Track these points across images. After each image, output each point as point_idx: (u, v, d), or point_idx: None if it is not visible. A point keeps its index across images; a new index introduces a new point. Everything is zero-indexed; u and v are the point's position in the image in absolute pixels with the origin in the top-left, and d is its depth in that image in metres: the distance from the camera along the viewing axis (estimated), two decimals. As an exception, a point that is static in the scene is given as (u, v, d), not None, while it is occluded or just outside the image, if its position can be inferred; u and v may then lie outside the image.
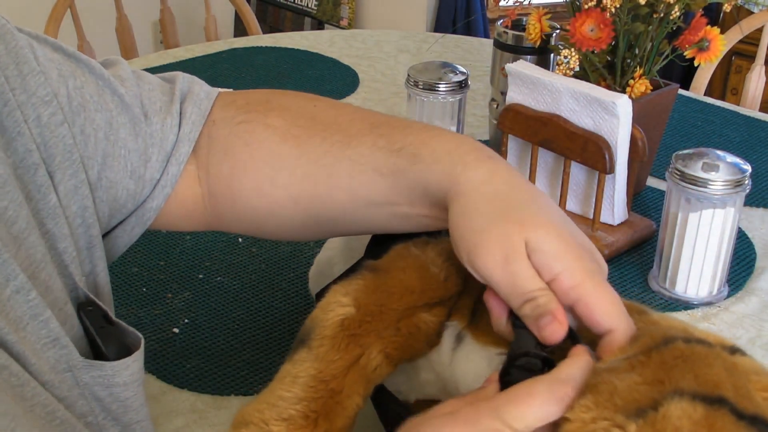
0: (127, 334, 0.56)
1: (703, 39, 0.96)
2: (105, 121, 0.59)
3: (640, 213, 1.00)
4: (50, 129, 0.55)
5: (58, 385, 0.51)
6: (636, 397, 0.44)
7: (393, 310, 0.56)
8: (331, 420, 0.53)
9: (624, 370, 0.46)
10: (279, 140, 0.63)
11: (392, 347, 0.55)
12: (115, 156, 0.60)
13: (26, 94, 0.54)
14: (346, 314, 0.55)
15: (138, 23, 1.88)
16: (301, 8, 2.96)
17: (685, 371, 0.45)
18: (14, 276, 0.49)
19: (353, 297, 0.56)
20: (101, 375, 0.53)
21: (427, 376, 0.58)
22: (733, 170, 0.81)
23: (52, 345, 0.51)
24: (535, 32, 1.03)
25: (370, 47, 1.58)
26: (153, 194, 0.63)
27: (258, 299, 0.85)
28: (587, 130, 0.91)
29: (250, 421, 0.53)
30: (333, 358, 0.54)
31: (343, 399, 0.54)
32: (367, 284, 0.57)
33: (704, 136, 1.25)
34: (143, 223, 0.64)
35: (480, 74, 1.42)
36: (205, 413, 0.71)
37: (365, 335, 0.55)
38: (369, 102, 1.34)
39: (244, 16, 1.83)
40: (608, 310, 0.49)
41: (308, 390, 0.53)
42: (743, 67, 2.57)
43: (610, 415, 0.43)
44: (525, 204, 0.52)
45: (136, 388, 0.55)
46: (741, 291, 0.89)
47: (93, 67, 0.60)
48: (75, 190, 0.56)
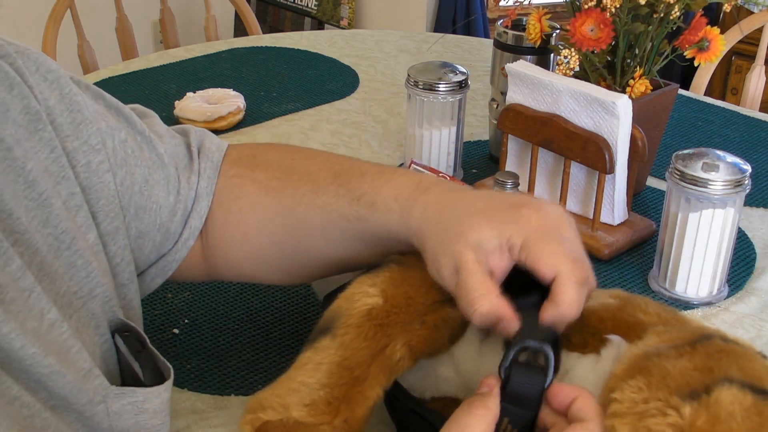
0: (159, 362, 0.58)
1: (703, 39, 0.96)
2: (142, 176, 0.64)
3: (640, 213, 1.00)
4: (98, 175, 0.59)
5: (93, 416, 0.52)
6: (689, 381, 0.45)
7: (420, 303, 0.56)
8: (353, 408, 0.53)
9: (673, 356, 0.47)
10: (262, 193, 0.68)
11: (416, 340, 0.56)
12: (147, 209, 0.64)
13: (79, 141, 0.58)
14: (373, 304, 0.56)
15: (138, 23, 1.88)
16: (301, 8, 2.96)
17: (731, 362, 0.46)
18: (48, 309, 0.51)
19: (381, 288, 0.56)
20: (132, 402, 0.54)
21: (446, 372, 0.58)
22: (733, 170, 0.81)
23: (87, 377, 0.52)
24: (535, 32, 1.03)
25: (370, 47, 1.58)
26: (176, 247, 0.67)
27: (258, 299, 0.85)
28: (587, 130, 0.91)
29: (269, 405, 0.54)
30: (359, 346, 0.54)
31: (365, 388, 0.54)
32: (394, 276, 0.57)
33: (704, 136, 1.25)
34: (164, 273, 0.68)
35: (480, 74, 1.42)
36: (205, 413, 0.71)
37: (392, 326, 0.55)
38: (369, 102, 1.34)
39: (244, 16, 1.83)
40: (549, 258, 0.54)
41: (332, 376, 0.54)
42: (743, 67, 2.56)
43: (664, 396, 0.44)
44: (457, 218, 0.58)
45: (163, 418, 0.57)
46: (741, 291, 0.89)
47: (134, 122, 0.65)
48: (116, 231, 0.61)
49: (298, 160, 0.71)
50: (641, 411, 0.44)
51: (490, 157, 1.17)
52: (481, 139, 1.22)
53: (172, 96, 1.29)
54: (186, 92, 1.26)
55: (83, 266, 0.56)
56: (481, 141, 1.21)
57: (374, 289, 0.56)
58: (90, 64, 1.65)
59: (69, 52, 1.67)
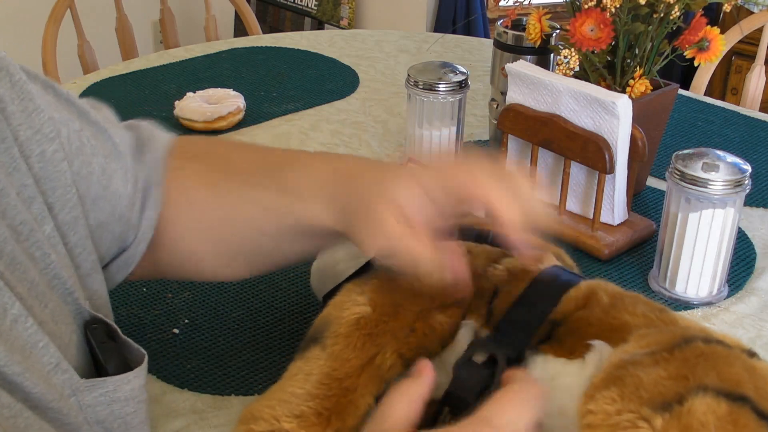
0: (132, 351, 0.57)
1: (703, 39, 0.96)
2: (99, 166, 0.62)
3: (640, 213, 1.00)
4: (53, 164, 0.57)
5: (66, 412, 0.51)
6: (661, 390, 0.44)
7: (409, 311, 0.56)
8: (344, 418, 0.53)
9: (648, 365, 0.46)
10: (202, 187, 0.69)
11: (406, 348, 0.55)
12: (105, 199, 0.63)
13: (32, 129, 0.56)
14: (362, 313, 0.55)
15: (138, 23, 1.88)
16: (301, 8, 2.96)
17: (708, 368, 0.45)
18: (11, 305, 0.49)
19: (369, 296, 0.56)
20: (103, 393, 0.54)
21: (439, 378, 0.58)
22: (733, 170, 0.81)
23: (55, 371, 0.51)
24: (535, 32, 1.03)
25: (370, 47, 1.58)
26: (137, 239, 0.67)
27: (258, 299, 0.85)
28: (587, 130, 0.91)
29: (260, 417, 0.53)
30: (348, 356, 0.54)
31: (356, 398, 0.53)
32: (382, 284, 0.57)
33: (704, 136, 1.25)
34: (127, 266, 0.67)
35: (480, 74, 1.42)
36: (205, 413, 0.71)
37: (381, 335, 0.55)
38: (369, 102, 1.34)
39: (244, 16, 1.83)
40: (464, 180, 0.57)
41: (321, 387, 0.53)
42: (743, 67, 2.57)
43: (636, 408, 0.44)
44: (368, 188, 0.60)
45: (136, 405, 0.56)
46: (741, 291, 0.89)
47: (87, 112, 0.63)
48: (75, 222, 0.59)
49: (237, 154, 0.71)
50: (614, 423, 0.44)
51: (490, 157, 1.17)
52: (481, 139, 1.22)
53: (172, 96, 1.29)
54: (186, 92, 1.26)
55: (41, 258, 0.54)
56: (481, 141, 1.21)
57: (363, 297, 0.56)
58: (90, 64, 1.65)
59: (69, 52, 1.67)
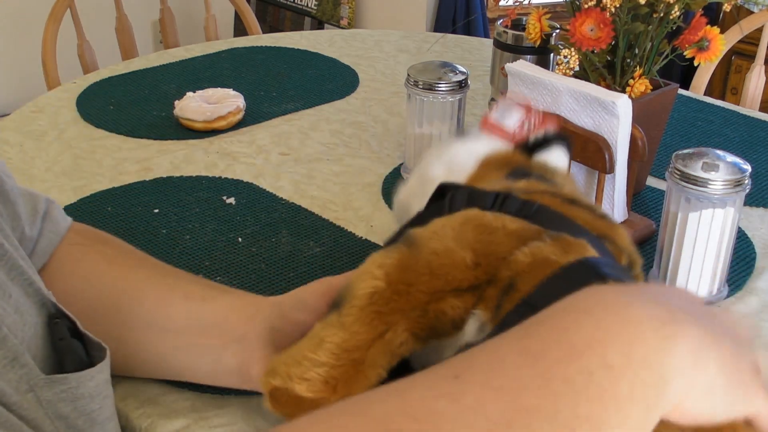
0: (94, 346, 0.57)
1: (703, 39, 0.96)
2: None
3: (640, 213, 1.00)
4: None
5: (26, 406, 0.50)
6: None
7: (422, 293, 0.56)
8: (351, 386, 0.54)
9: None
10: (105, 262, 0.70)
11: (418, 327, 0.56)
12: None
13: None
14: (376, 288, 0.56)
15: (138, 23, 1.88)
16: (301, 8, 2.96)
17: None
18: None
19: (386, 271, 0.56)
20: (65, 389, 0.53)
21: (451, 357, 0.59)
22: (733, 170, 0.81)
23: (12, 365, 0.50)
24: (535, 32, 1.03)
25: (370, 47, 1.58)
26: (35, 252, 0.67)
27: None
28: (587, 130, 0.91)
29: (278, 372, 0.55)
30: (357, 329, 0.55)
31: (365, 369, 0.55)
32: (401, 260, 0.57)
33: (704, 136, 1.25)
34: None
35: (480, 74, 1.42)
36: (205, 413, 0.71)
37: (391, 314, 0.55)
38: (369, 102, 1.34)
39: (244, 16, 1.83)
40: None
41: (331, 356, 0.55)
42: (743, 66, 2.57)
43: None
44: None
45: (101, 401, 0.55)
46: (741, 291, 0.89)
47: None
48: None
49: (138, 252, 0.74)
50: None
51: (490, 156, 1.17)
52: (481, 139, 1.22)
53: (172, 96, 1.29)
54: (186, 92, 1.26)
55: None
56: (481, 141, 1.21)
57: (380, 271, 0.56)
58: (90, 64, 1.65)
59: (69, 51, 1.67)
